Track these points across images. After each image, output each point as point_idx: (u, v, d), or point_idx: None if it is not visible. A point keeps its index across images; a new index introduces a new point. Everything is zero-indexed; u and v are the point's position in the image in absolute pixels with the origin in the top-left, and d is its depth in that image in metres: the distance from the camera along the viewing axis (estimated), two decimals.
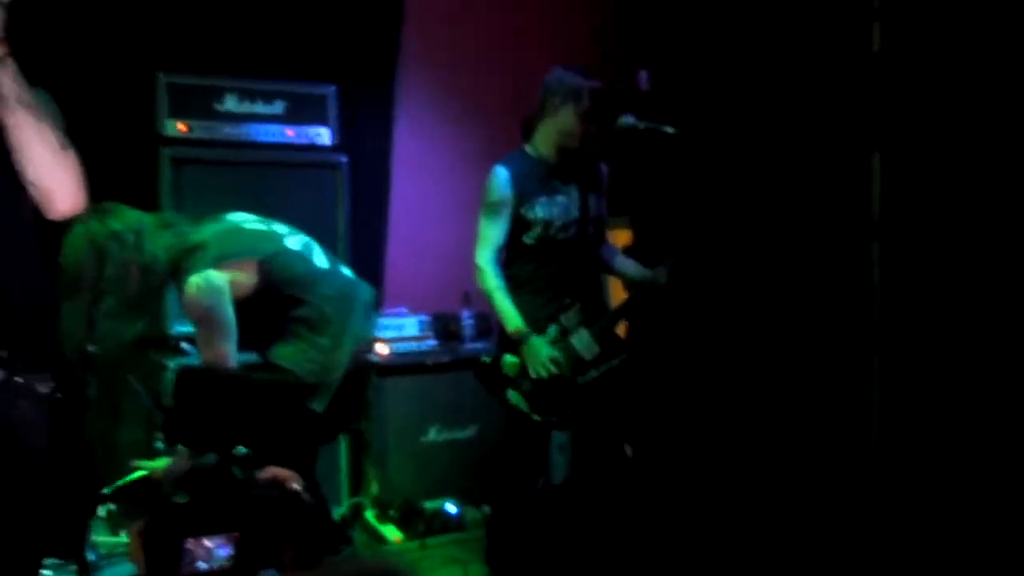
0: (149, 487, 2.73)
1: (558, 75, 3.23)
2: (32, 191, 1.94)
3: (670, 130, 3.16)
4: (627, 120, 3.19)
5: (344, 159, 4.08)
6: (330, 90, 4.10)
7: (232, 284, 2.77)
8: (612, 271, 3.50)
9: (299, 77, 4.13)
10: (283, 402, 2.85)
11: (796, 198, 3.63)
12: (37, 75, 2.00)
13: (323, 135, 4.08)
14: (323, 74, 4.20)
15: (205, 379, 2.73)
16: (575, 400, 3.26)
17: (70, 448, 2.33)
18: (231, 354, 2.72)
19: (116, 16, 3.89)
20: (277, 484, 2.54)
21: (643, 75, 3.54)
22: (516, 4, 4.85)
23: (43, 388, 2.09)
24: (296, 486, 2.54)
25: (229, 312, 2.72)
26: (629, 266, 3.45)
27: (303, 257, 3.06)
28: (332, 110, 4.09)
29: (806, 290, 3.62)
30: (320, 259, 3.12)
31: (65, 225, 2.10)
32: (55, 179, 1.93)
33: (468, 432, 4.21)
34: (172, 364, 3.71)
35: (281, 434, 2.79)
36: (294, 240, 3.10)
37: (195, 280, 2.73)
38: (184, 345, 3.78)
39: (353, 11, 4.41)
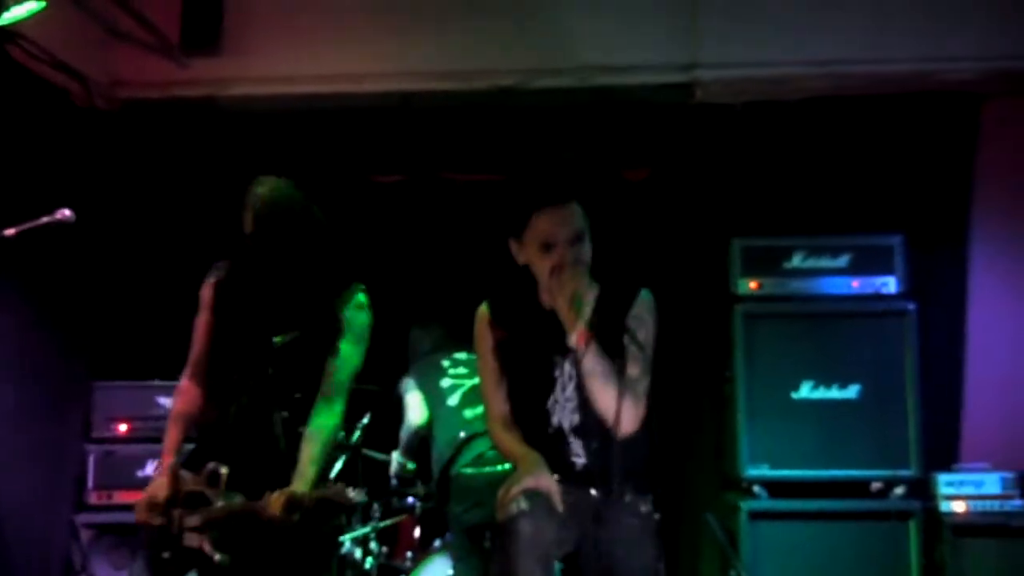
0: None
1: None
2: (603, 414, 2.44)
3: None
4: None
5: (912, 306, 4.05)
6: (897, 240, 4.13)
7: None
8: None
9: (865, 230, 4.25)
10: None
11: None
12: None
13: (889, 284, 4.10)
14: (890, 224, 4.26)
15: None
16: None
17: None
18: None
19: (696, 194, 4.54)
20: None
21: None
22: None
23: (644, 507, 2.49)
24: None
25: None
26: None
27: None
28: (899, 259, 4.10)
29: None
30: None
31: None
32: (617, 413, 2.40)
33: None
34: (745, 506, 3.95)
35: None
36: None
37: None
38: (756, 488, 4.00)
39: (920, 161, 4.48)
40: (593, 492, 2.48)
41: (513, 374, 2.56)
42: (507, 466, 3.02)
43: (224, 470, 2.60)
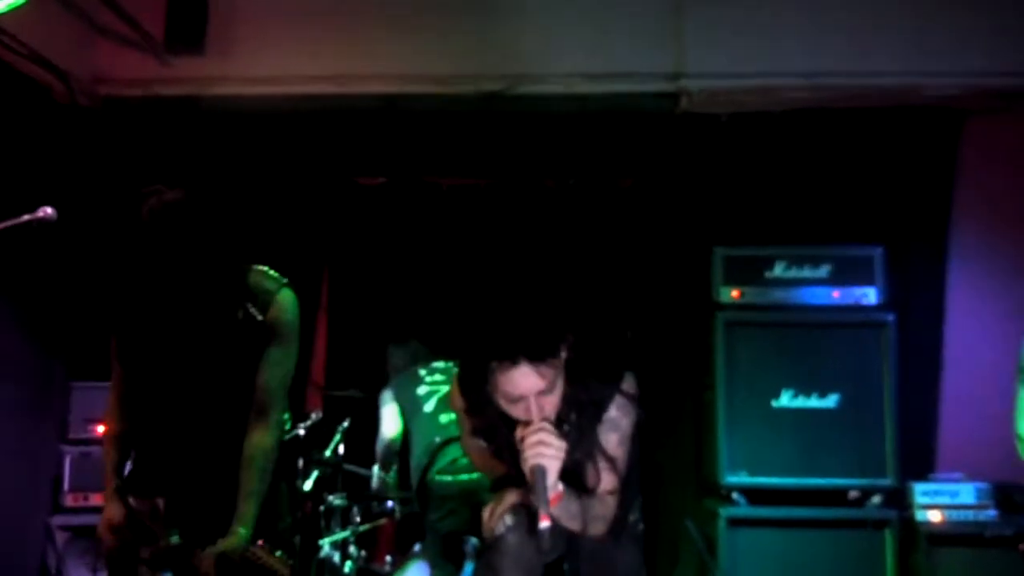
0: None
1: None
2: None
3: None
4: None
5: (891, 317, 4.08)
6: (877, 252, 4.17)
7: None
8: None
9: (846, 241, 4.29)
10: None
11: None
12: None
13: (869, 295, 4.14)
14: (871, 236, 4.31)
15: None
16: None
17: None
18: None
19: (679, 202, 4.59)
20: None
21: None
22: None
23: (630, 516, 2.52)
24: None
25: None
26: None
27: None
28: (879, 270, 4.15)
29: None
30: None
31: None
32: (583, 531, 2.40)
33: None
34: (724, 513, 3.97)
35: None
36: None
37: None
38: (735, 495, 4.03)
39: (901, 175, 4.54)
40: None
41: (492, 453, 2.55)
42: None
43: (160, 502, 2.55)
